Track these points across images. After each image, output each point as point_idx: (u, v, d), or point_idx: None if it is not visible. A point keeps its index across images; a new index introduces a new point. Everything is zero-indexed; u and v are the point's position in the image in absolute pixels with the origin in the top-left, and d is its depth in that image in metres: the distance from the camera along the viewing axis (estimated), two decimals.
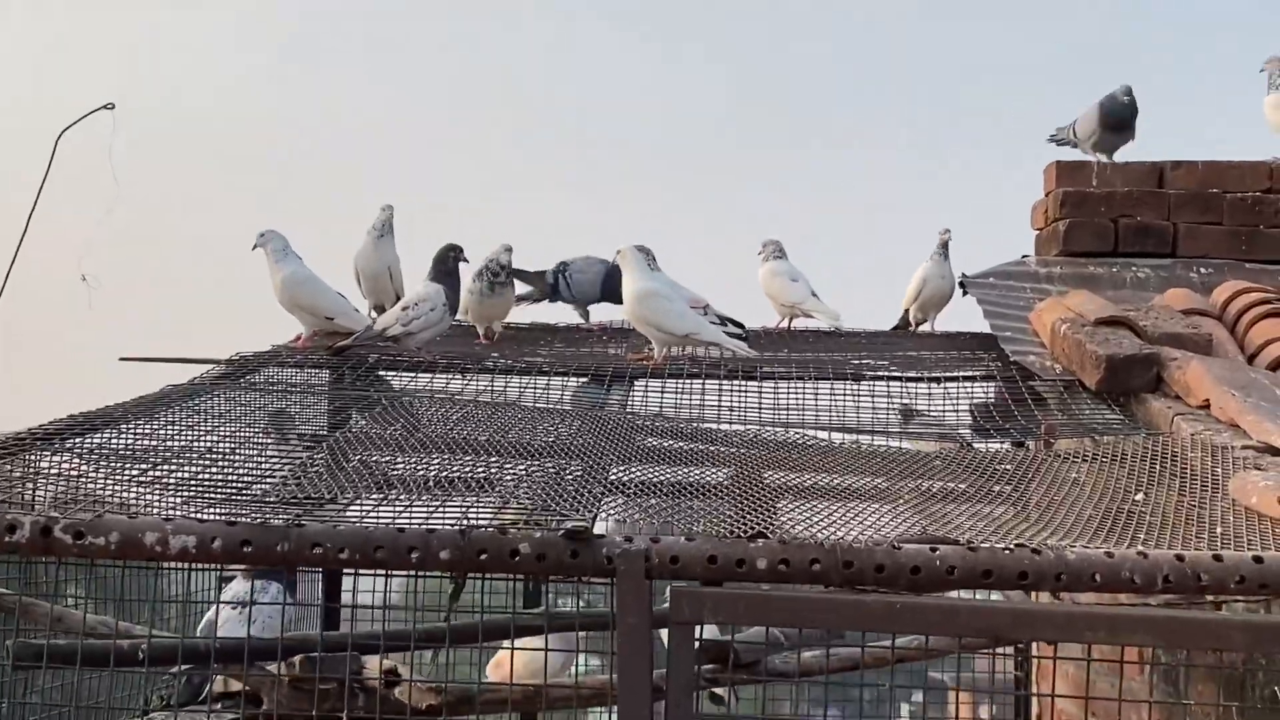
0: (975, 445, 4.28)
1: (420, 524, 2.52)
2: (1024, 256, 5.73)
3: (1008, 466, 3.50)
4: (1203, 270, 5.44)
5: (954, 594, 2.71)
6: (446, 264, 4.86)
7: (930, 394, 4.79)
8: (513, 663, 3.69)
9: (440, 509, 2.68)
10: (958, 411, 4.82)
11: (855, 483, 3.55)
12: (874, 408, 4.67)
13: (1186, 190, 5.61)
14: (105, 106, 4.67)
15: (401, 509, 2.69)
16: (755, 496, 3.05)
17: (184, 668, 3.21)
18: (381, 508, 2.72)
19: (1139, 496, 3.10)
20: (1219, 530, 2.73)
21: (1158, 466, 3.37)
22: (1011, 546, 2.49)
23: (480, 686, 3.85)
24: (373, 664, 3.44)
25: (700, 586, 2.52)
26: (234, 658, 3.25)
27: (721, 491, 3.32)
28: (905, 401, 4.80)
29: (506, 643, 4.04)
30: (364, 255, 5.67)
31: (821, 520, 2.83)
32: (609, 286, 5.50)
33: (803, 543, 2.48)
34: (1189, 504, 3.01)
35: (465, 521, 2.53)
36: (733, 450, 3.79)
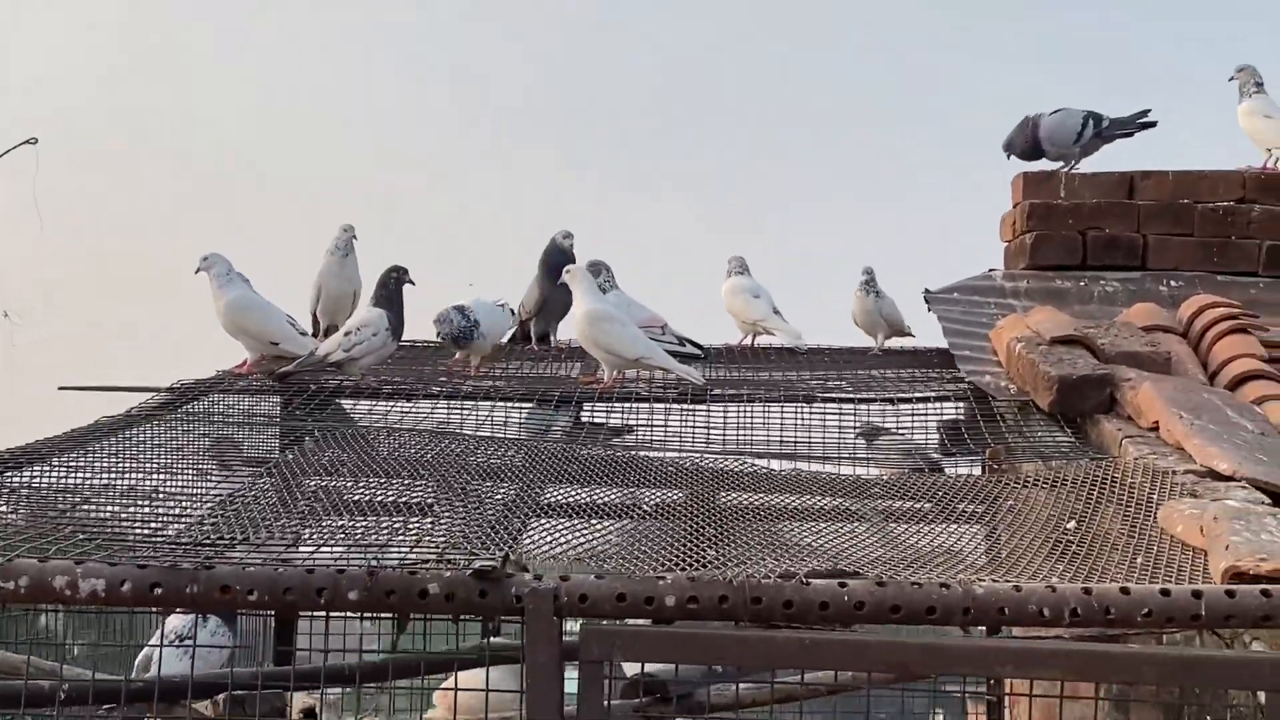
0: (939, 469, 4.41)
1: (329, 565, 2.65)
2: (990, 270, 5.82)
3: (946, 494, 3.62)
4: (1173, 283, 5.55)
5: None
6: (388, 287, 4.92)
7: (898, 412, 4.93)
8: (456, 699, 3.82)
9: (353, 548, 2.81)
10: (927, 430, 4.97)
11: (795, 504, 3.69)
12: (840, 428, 4.81)
13: (1157, 201, 5.71)
14: (28, 141, 4.75)
15: (314, 548, 2.82)
16: (698, 522, 3.18)
17: (105, 708, 3.33)
18: (295, 547, 2.85)
19: (1070, 525, 3.23)
20: (1139, 561, 2.86)
21: (1097, 492, 3.49)
22: (920, 581, 2.62)
23: None
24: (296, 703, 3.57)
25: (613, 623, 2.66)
26: (148, 697, 3.40)
27: (665, 514, 3.43)
28: (871, 420, 4.94)
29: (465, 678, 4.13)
30: (330, 274, 5.76)
31: (754, 551, 2.96)
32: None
33: (711, 579, 2.61)
34: (1119, 532, 3.14)
35: (375, 561, 2.66)
36: (679, 473, 3.91)
